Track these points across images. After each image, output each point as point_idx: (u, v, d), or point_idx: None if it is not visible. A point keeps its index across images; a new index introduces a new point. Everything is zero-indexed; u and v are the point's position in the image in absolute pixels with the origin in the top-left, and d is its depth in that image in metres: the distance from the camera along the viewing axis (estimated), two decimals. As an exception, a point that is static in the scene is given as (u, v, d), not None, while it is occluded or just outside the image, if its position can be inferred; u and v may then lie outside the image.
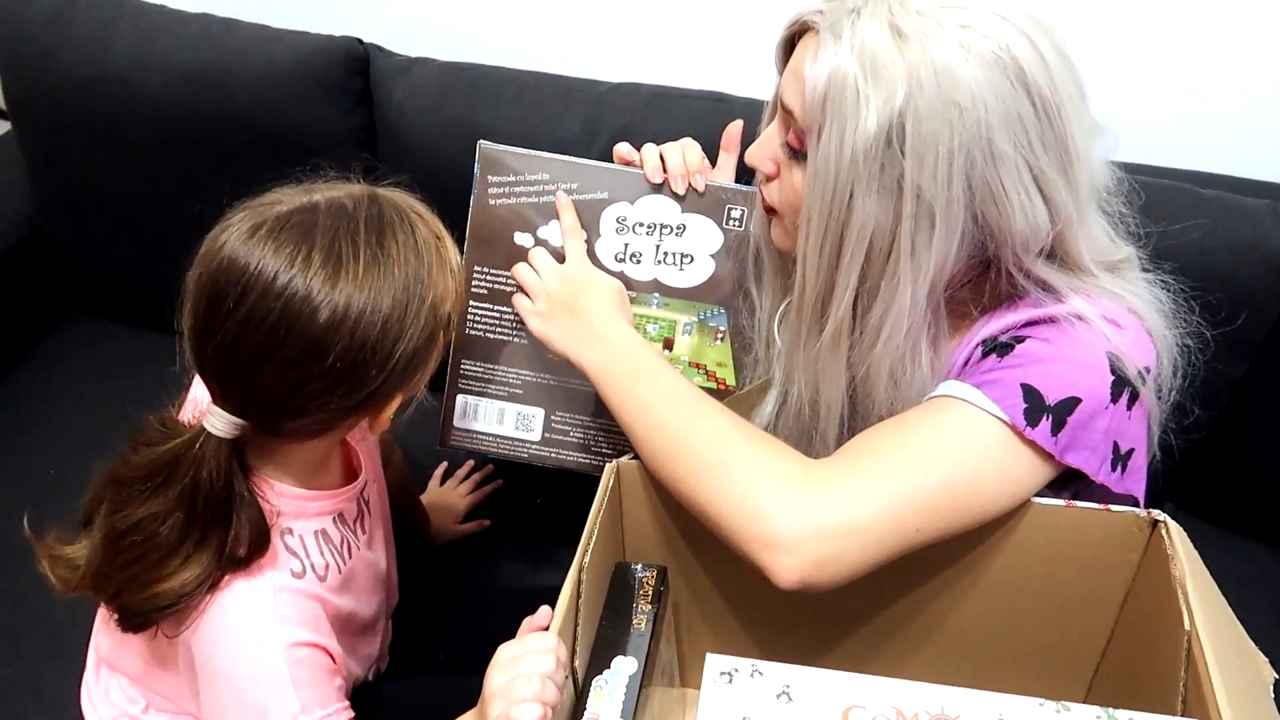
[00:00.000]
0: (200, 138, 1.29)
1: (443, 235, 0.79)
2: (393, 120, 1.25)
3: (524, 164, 0.95)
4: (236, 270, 0.70)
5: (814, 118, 0.74)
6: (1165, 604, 0.72)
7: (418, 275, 0.74)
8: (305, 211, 0.73)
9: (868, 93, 0.71)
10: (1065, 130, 0.72)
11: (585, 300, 0.90)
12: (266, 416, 0.74)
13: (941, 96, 0.70)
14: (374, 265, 0.72)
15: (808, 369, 0.83)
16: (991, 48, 0.70)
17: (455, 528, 1.22)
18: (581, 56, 1.31)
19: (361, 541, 0.89)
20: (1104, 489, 0.77)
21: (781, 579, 0.71)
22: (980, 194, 0.72)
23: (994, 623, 0.83)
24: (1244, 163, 1.19)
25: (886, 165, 0.72)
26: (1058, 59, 0.72)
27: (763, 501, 0.72)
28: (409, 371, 0.75)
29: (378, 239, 0.73)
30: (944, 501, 0.73)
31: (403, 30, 1.35)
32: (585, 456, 1.02)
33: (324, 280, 0.70)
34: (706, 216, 0.94)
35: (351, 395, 0.73)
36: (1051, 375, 0.74)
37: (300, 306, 0.69)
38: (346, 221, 0.73)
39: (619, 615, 0.80)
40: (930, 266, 0.74)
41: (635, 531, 0.87)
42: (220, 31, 1.28)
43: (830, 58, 0.72)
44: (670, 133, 1.15)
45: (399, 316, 0.72)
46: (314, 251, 0.70)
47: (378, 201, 0.76)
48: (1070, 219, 0.75)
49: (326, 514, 0.84)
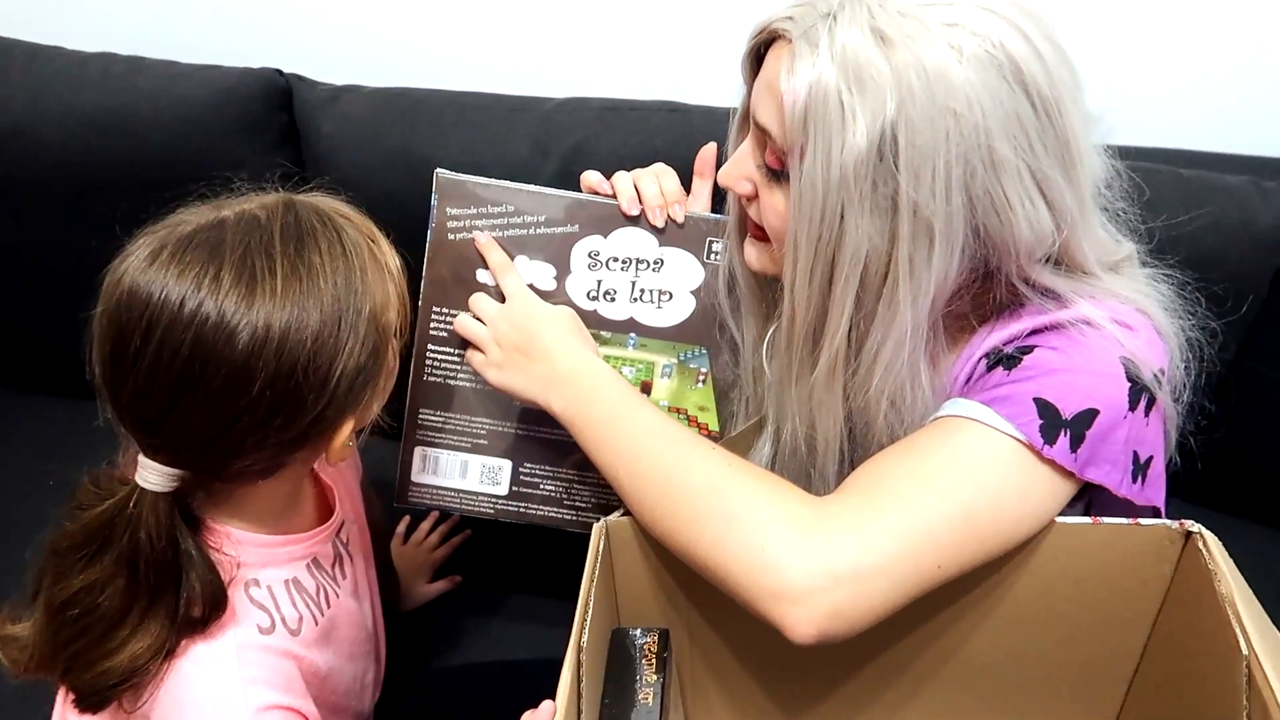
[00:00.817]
0: (112, 189, 1.19)
1: (376, 237, 0.73)
2: (323, 155, 1.18)
3: (486, 194, 0.88)
4: (139, 302, 0.64)
5: (795, 136, 0.68)
6: (1209, 623, 0.68)
7: (348, 284, 0.68)
8: (211, 228, 0.67)
9: (854, 105, 0.65)
10: (1066, 128, 0.67)
11: (540, 338, 0.83)
12: (202, 462, 0.68)
13: (935, 103, 0.65)
14: (294, 278, 0.66)
15: (802, 405, 0.77)
16: (984, 46, 0.65)
17: (425, 589, 1.15)
18: (523, 73, 1.26)
19: (342, 588, 0.82)
20: (1126, 502, 0.72)
21: (796, 633, 0.65)
22: (981, 205, 0.67)
23: (1018, 650, 0.78)
24: (1216, 137, 1.16)
25: (879, 182, 0.67)
26: (1052, 51, 0.67)
27: (770, 549, 0.66)
28: (355, 392, 0.69)
29: (296, 249, 0.67)
30: (965, 533, 0.68)
31: (325, 57, 1.28)
32: (557, 511, 0.95)
33: (238, 301, 0.64)
34: (686, 250, 0.88)
35: (291, 426, 0.67)
36: (1066, 387, 0.69)
37: (214, 333, 0.63)
38: (259, 234, 0.66)
39: (623, 690, 0.73)
40: (931, 286, 0.70)
41: (630, 592, 0.80)
42: (124, 71, 1.20)
43: (808, 69, 0.67)
44: (626, 148, 1.11)
45: (331, 332, 0.66)
46: (223, 271, 0.64)
47: (295, 208, 0.70)
48: (1074, 222, 0.70)
49: (298, 559, 0.78)
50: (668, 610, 0.80)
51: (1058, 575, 0.74)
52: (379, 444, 0.85)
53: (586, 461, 0.92)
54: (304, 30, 1.31)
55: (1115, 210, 0.77)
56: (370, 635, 0.88)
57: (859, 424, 0.77)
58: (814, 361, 0.75)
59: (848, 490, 0.70)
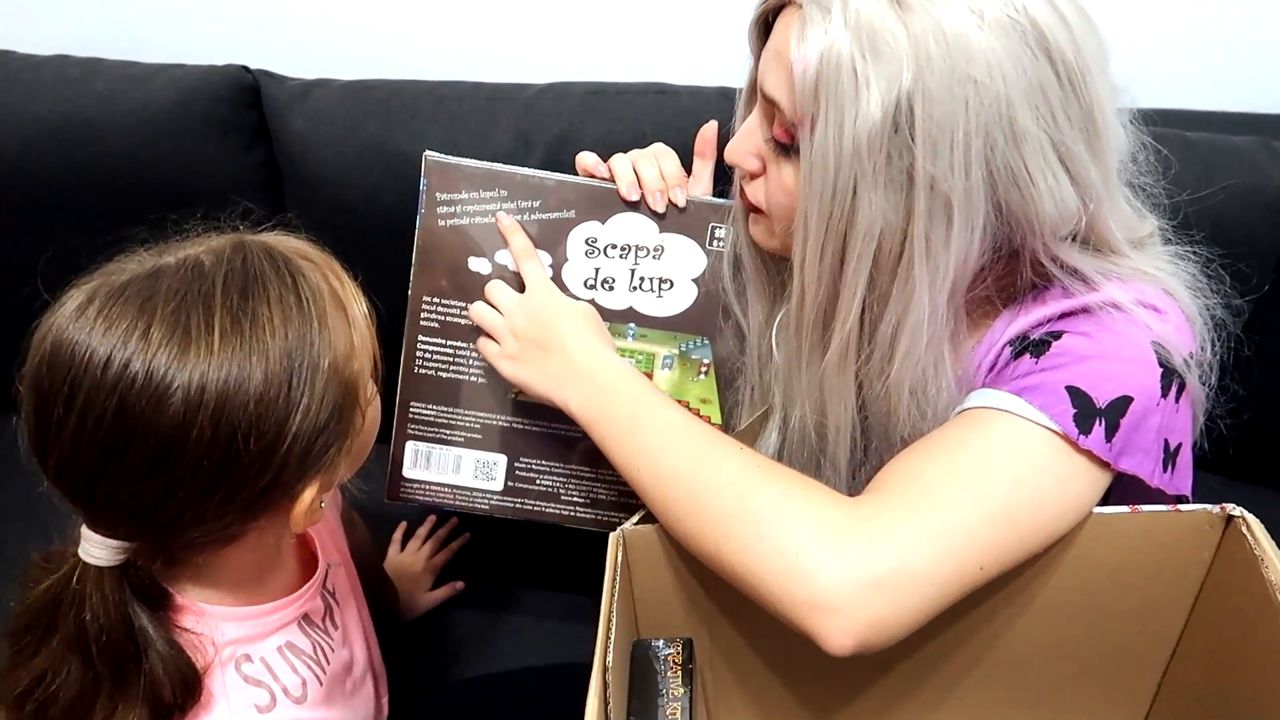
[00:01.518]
0: (74, 200, 1.16)
1: (341, 279, 0.67)
2: (296, 154, 1.13)
3: (477, 179, 0.84)
4: (62, 362, 0.58)
5: (806, 107, 0.65)
6: (1254, 609, 0.66)
7: (302, 336, 0.62)
8: (147, 278, 0.61)
9: (868, 74, 0.62)
10: (1091, 98, 0.64)
11: (558, 333, 0.79)
12: (142, 535, 0.62)
13: (954, 72, 0.61)
14: (236, 332, 0.59)
15: (811, 390, 0.74)
16: (1006, 10, 0.62)
17: (426, 597, 1.12)
18: (501, 59, 1.21)
19: (335, 639, 0.77)
20: (1158, 492, 0.70)
21: (832, 645, 0.62)
22: (1003, 180, 0.64)
23: (1051, 641, 0.76)
24: (1212, 94, 1.14)
25: (894, 155, 0.63)
26: (1078, 16, 0.64)
27: (804, 555, 0.63)
28: (314, 456, 0.63)
29: (239, 299, 0.61)
30: (1007, 531, 0.65)
31: (293, 51, 1.23)
32: (554, 506, 0.93)
33: (169, 360, 0.58)
34: (687, 237, 0.85)
35: (236, 497, 0.61)
36: (1098, 374, 0.66)
37: (139, 398, 0.57)
38: (199, 284, 0.60)
39: (648, 706, 0.70)
40: (950, 267, 0.67)
41: (649, 602, 0.77)
42: (80, 74, 1.14)
43: (820, 36, 0.63)
44: (613, 134, 1.07)
45: (279, 391, 0.60)
46: (154, 326, 0.58)
47: (245, 251, 0.64)
48: (1100, 197, 0.67)
49: (289, 623, 0.72)
50: (690, 618, 0.76)
51: (1095, 566, 0.71)
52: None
53: (583, 456, 0.91)
54: (270, 23, 1.26)
55: (1139, 185, 0.74)
56: (368, 673, 0.84)
57: (878, 414, 0.74)
58: (825, 345, 0.72)
59: (882, 490, 0.67)
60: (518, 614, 1.11)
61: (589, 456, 0.90)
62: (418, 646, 1.08)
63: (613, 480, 0.91)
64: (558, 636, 1.07)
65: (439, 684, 1.04)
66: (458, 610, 1.12)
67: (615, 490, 0.92)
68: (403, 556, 1.15)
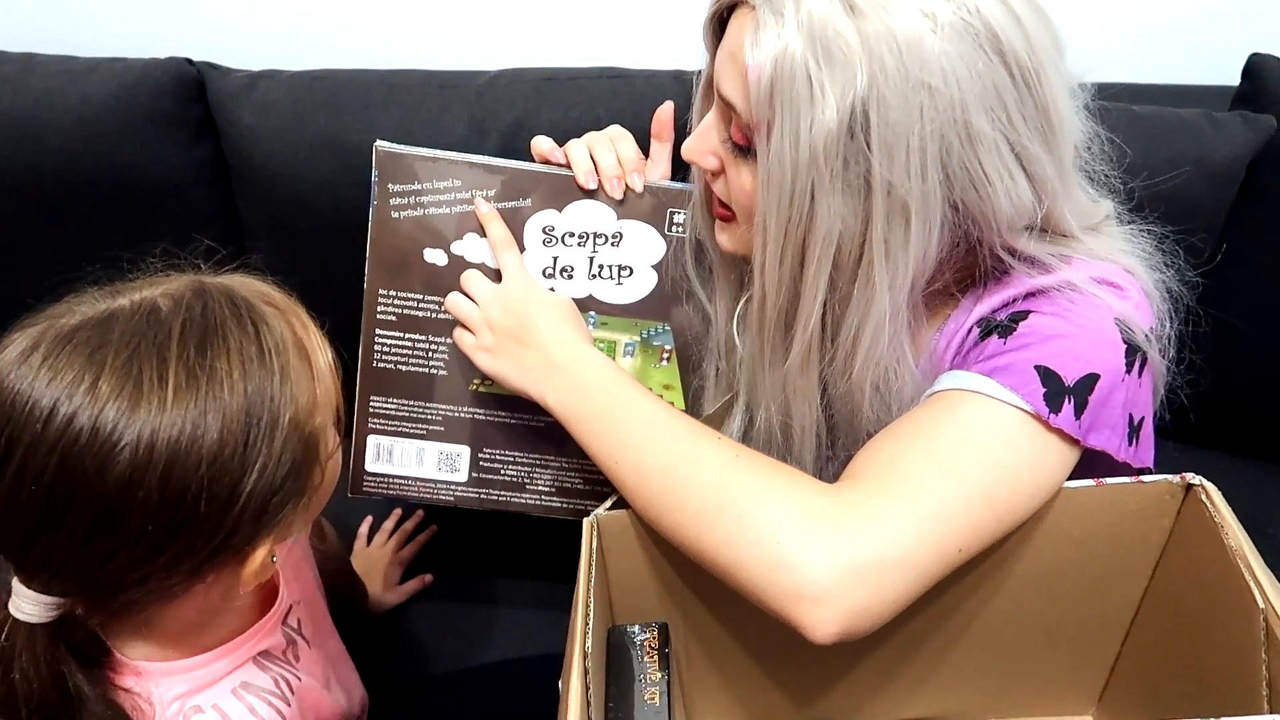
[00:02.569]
0: (12, 203, 1.12)
1: (307, 326, 0.64)
2: (245, 148, 1.11)
3: (430, 168, 0.83)
4: (1, 410, 0.55)
5: (762, 113, 0.65)
6: (1214, 576, 0.68)
7: (261, 390, 0.58)
8: (98, 324, 0.57)
9: (822, 79, 0.62)
10: (1046, 97, 0.65)
11: (535, 325, 0.79)
12: (80, 593, 0.59)
13: (909, 78, 0.61)
14: (191, 387, 0.56)
15: (775, 391, 0.75)
16: (959, 14, 0.62)
17: (395, 591, 1.10)
18: (452, 46, 1.20)
19: (300, 670, 0.74)
20: (1124, 466, 0.71)
21: (818, 633, 0.62)
22: (959, 182, 0.65)
23: (1020, 613, 0.78)
24: (1164, 69, 1.16)
25: (850, 161, 0.64)
26: (1031, 14, 0.64)
27: (786, 544, 0.63)
28: (268, 515, 0.59)
29: (197, 350, 0.57)
30: (985, 512, 0.66)
31: (238, 42, 1.20)
32: (518, 496, 0.92)
33: (118, 415, 0.54)
34: (646, 223, 0.84)
35: (184, 559, 0.58)
36: (1065, 352, 0.67)
37: (83, 456, 0.54)
38: (154, 332, 0.57)
39: (625, 692, 0.70)
40: (909, 267, 0.67)
41: (623, 587, 0.77)
42: (16, 71, 1.11)
43: (774, 40, 0.63)
44: (567, 120, 1.07)
45: (236, 448, 0.56)
46: (103, 377, 0.54)
47: (205, 297, 0.60)
48: (1056, 191, 0.68)
49: (241, 665, 0.69)
50: (665, 603, 0.77)
51: (1061, 539, 0.73)
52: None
53: (547, 445, 0.90)
54: (212, 14, 1.22)
55: (1094, 172, 0.75)
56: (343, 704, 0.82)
57: (843, 411, 0.75)
58: (787, 347, 0.72)
59: (861, 476, 0.67)
60: (488, 604, 1.11)
61: (553, 445, 0.90)
62: (388, 641, 1.07)
63: (577, 468, 0.91)
64: (529, 625, 1.07)
65: (411, 677, 1.03)
66: (427, 603, 1.11)
67: (580, 478, 0.92)
68: (369, 551, 1.13)
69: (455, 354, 0.86)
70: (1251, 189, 1.08)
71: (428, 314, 0.86)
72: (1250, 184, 1.07)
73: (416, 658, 1.06)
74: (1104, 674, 0.82)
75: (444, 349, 0.87)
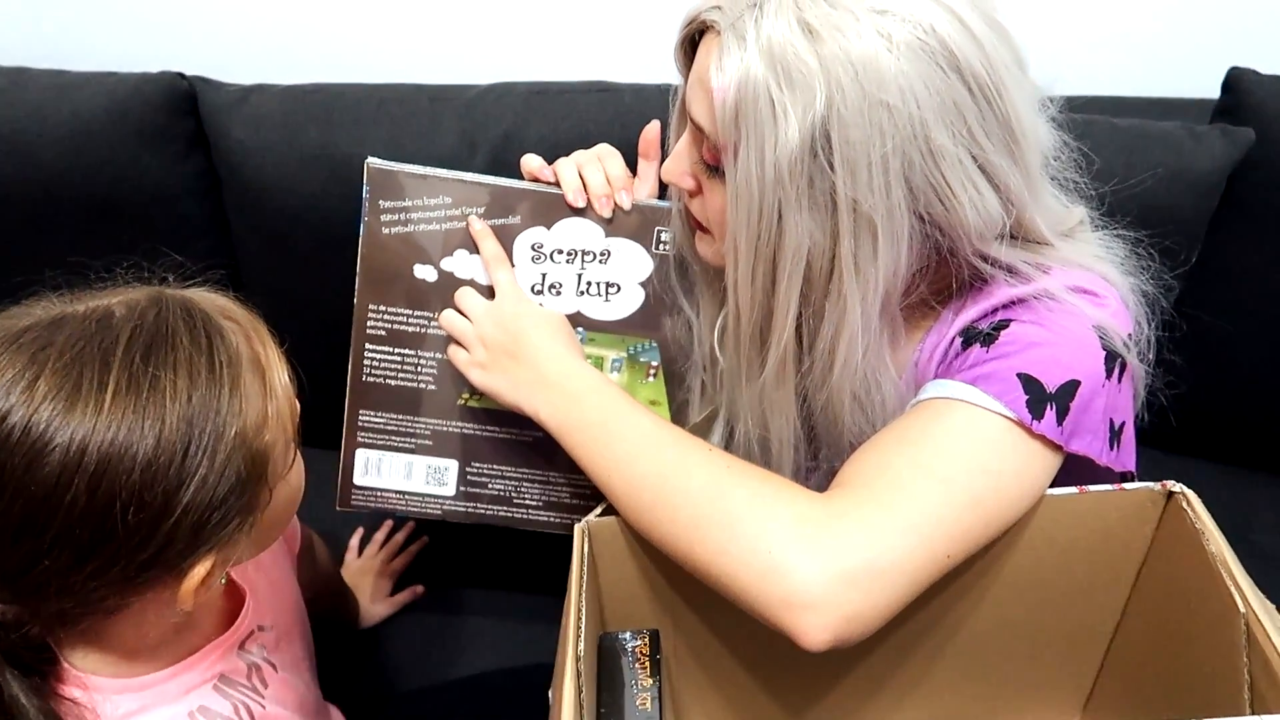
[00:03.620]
0: (3, 215, 1.12)
1: (265, 344, 0.63)
2: (235, 162, 1.11)
3: (421, 186, 0.83)
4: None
5: (728, 134, 0.66)
6: (1196, 581, 0.68)
7: (207, 402, 0.57)
8: (47, 326, 0.57)
9: (784, 101, 0.63)
10: (1007, 111, 0.66)
11: (527, 341, 0.79)
12: (10, 600, 0.58)
13: (866, 97, 0.63)
14: (131, 392, 0.55)
15: (753, 405, 0.76)
16: (915, 33, 0.63)
17: (385, 602, 1.10)
18: (442, 60, 1.20)
19: (266, 697, 0.72)
20: (1106, 470, 0.72)
21: (810, 640, 0.62)
22: (924, 196, 0.66)
23: (1006, 620, 0.78)
24: (1145, 82, 1.17)
25: (815, 179, 0.65)
26: (988, 30, 0.65)
27: (778, 553, 0.63)
28: (212, 529, 0.58)
29: (142, 357, 0.56)
30: (972, 518, 0.67)
31: (230, 56, 1.21)
32: (506, 509, 0.93)
33: (50, 417, 0.54)
34: (634, 241, 0.85)
35: (111, 570, 0.56)
36: (1047, 360, 0.68)
37: (13, 454, 0.53)
38: (101, 337, 0.56)
39: (617, 698, 0.71)
40: (879, 280, 0.68)
41: (614, 594, 0.77)
42: (6, 85, 1.11)
43: (736, 64, 0.64)
44: (557, 133, 1.07)
45: (171, 459, 0.55)
46: (42, 377, 0.54)
47: (161, 306, 0.59)
48: (1024, 201, 0.69)
49: (199, 685, 0.67)
50: (655, 610, 0.77)
51: (1045, 546, 0.73)
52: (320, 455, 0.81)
53: (535, 459, 0.91)
54: (204, 29, 1.23)
55: (1064, 180, 0.76)
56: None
57: (824, 423, 0.76)
58: (762, 361, 0.73)
59: (850, 484, 0.68)
60: (478, 616, 1.11)
61: (541, 460, 0.90)
62: (379, 652, 1.07)
63: (564, 482, 0.92)
64: (519, 637, 1.07)
65: (401, 689, 1.03)
66: (418, 614, 1.11)
67: (567, 491, 0.92)
68: (360, 563, 1.13)
69: (444, 369, 0.87)
70: (1232, 199, 1.09)
71: (417, 329, 0.86)
72: (1230, 195, 1.09)
73: (406, 669, 1.06)
74: (1090, 680, 0.83)
75: (433, 364, 0.88)
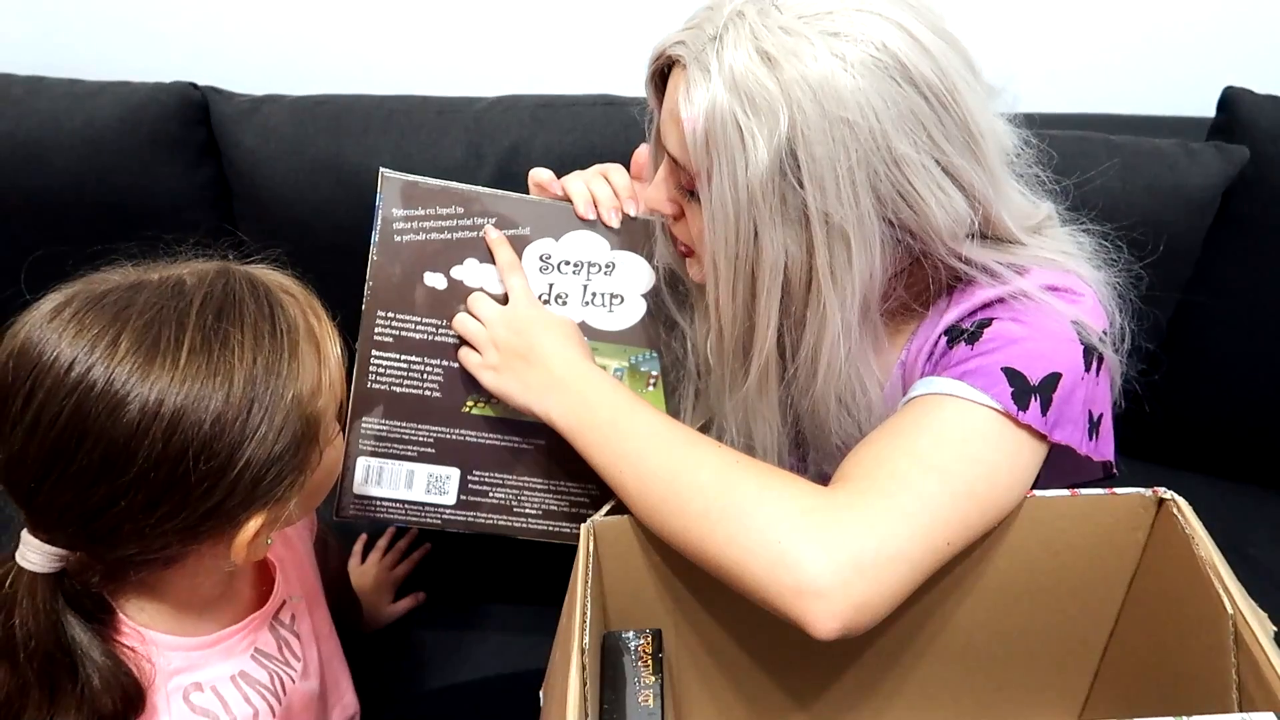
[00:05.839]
0: (17, 222, 1.14)
1: (320, 317, 0.68)
2: (246, 170, 1.13)
3: (434, 196, 0.85)
4: (28, 360, 0.59)
5: (700, 161, 0.70)
6: (1186, 585, 0.70)
7: (269, 365, 0.62)
8: (127, 290, 0.61)
9: (751, 126, 0.66)
10: (963, 114, 0.68)
11: (539, 345, 0.81)
12: (79, 544, 0.61)
13: (827, 116, 0.66)
14: (204, 352, 0.59)
15: (737, 414, 0.79)
16: (868, 51, 0.66)
17: (389, 609, 1.11)
18: (450, 73, 1.22)
19: (295, 671, 0.76)
20: (1086, 459, 0.74)
21: (821, 628, 0.64)
22: (892, 202, 0.69)
23: (1000, 622, 0.79)
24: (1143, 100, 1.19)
25: (786, 196, 0.68)
26: (937, 40, 0.68)
27: (787, 544, 0.65)
28: (265, 486, 0.62)
29: (214, 321, 0.61)
30: (969, 507, 0.68)
31: (242, 67, 1.23)
32: (506, 519, 0.93)
33: (131, 371, 0.58)
34: (638, 253, 0.87)
35: (177, 516, 0.60)
36: (1029, 354, 0.71)
37: (96, 403, 0.57)
38: (176, 301, 0.61)
39: (619, 695, 0.71)
40: (856, 286, 0.71)
41: (618, 594, 0.78)
42: (23, 93, 1.13)
43: (703, 95, 0.68)
44: (562, 145, 1.09)
45: (238, 416, 0.60)
46: (123, 336, 0.59)
47: (229, 276, 0.64)
48: (989, 197, 0.72)
49: (240, 653, 0.72)
50: (657, 610, 0.78)
51: (1038, 548, 0.75)
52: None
53: (536, 468, 0.91)
54: (217, 40, 1.25)
55: (1029, 176, 0.78)
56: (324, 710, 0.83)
57: (812, 427, 0.78)
58: (745, 372, 0.75)
59: (851, 478, 0.70)
60: (480, 624, 1.11)
61: (542, 469, 0.91)
62: (380, 658, 1.07)
63: (564, 492, 0.92)
64: (521, 645, 1.07)
65: (403, 695, 1.04)
66: (420, 621, 1.11)
67: (567, 501, 0.93)
68: (364, 568, 1.14)
69: (450, 376, 0.88)
70: (1227, 216, 1.11)
71: (425, 336, 0.87)
72: (1225, 212, 1.10)
73: (408, 675, 1.06)
74: (1086, 683, 0.83)
75: (439, 371, 0.89)
